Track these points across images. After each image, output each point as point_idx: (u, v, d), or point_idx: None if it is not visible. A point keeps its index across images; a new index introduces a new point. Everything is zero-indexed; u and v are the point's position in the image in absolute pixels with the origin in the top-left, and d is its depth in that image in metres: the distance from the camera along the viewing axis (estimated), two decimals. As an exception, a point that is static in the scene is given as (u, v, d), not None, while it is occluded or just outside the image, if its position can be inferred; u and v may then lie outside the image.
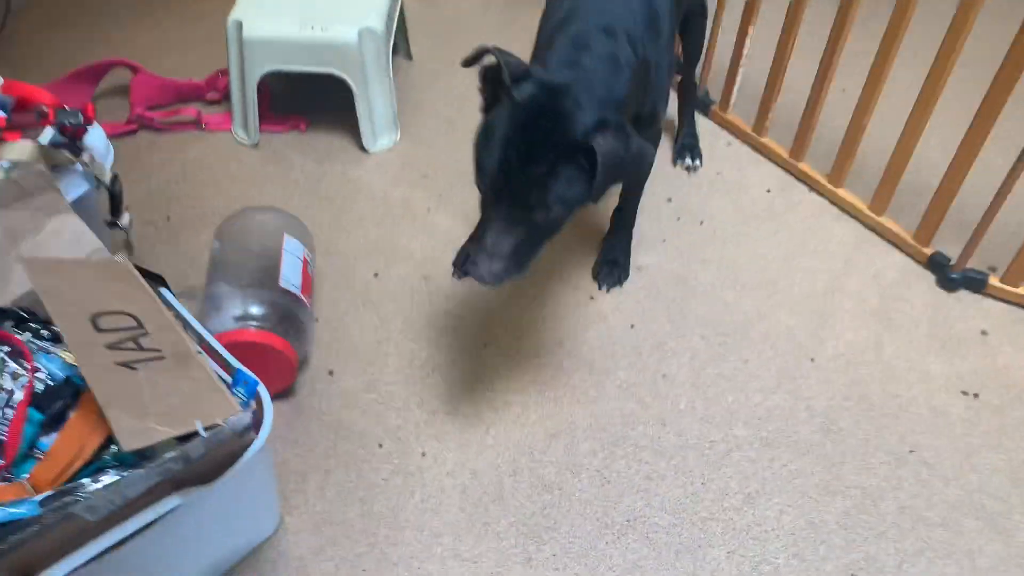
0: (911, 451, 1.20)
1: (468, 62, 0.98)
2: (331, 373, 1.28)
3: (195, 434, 0.81)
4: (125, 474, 0.76)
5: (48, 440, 0.85)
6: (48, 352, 0.89)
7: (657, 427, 1.22)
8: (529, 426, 1.22)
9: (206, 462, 0.83)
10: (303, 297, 1.26)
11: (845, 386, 1.29)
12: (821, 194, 1.61)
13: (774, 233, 1.53)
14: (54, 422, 0.85)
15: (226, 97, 1.75)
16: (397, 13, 1.76)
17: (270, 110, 1.74)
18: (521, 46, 1.12)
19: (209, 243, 1.45)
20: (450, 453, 1.19)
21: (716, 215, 1.56)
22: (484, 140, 0.98)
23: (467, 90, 1.39)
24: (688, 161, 1.66)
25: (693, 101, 1.68)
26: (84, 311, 0.85)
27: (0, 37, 1.91)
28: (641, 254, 1.47)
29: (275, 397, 1.23)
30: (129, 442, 0.75)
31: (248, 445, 0.88)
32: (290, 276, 1.26)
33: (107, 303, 0.88)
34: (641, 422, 1.23)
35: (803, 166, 1.63)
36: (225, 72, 1.72)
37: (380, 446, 1.19)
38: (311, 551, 1.09)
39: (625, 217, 1.42)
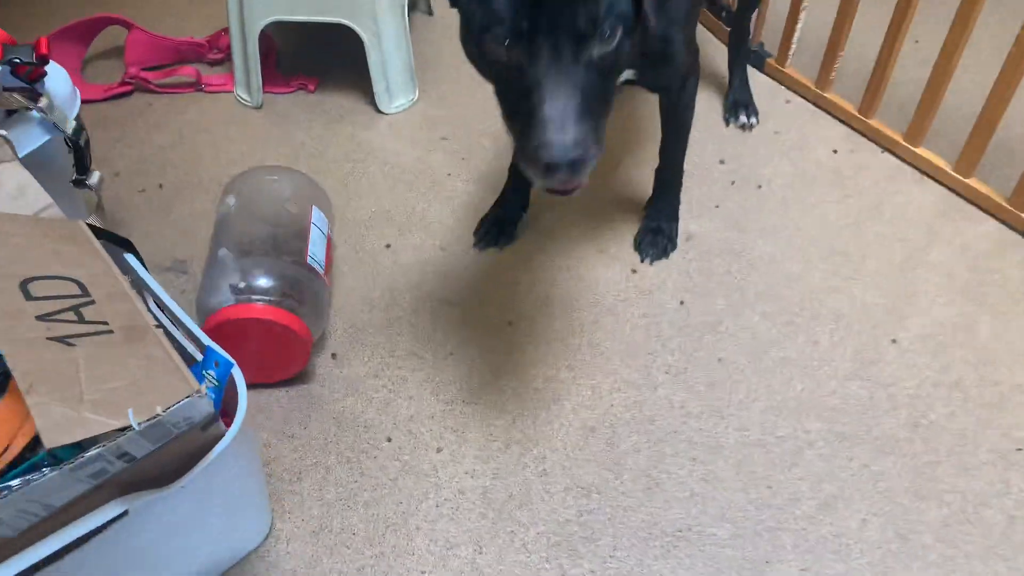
0: (1018, 449, 1.00)
1: None
2: (334, 356, 1.12)
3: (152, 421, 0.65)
4: (38, 477, 0.60)
5: (-28, 432, 0.69)
6: (-21, 326, 0.74)
7: (713, 420, 1.04)
8: (562, 418, 1.04)
9: (158, 460, 0.67)
10: (324, 278, 1.10)
11: (935, 372, 1.09)
12: (896, 154, 1.40)
13: (844, 198, 1.33)
14: (-22, 410, 0.70)
15: (229, 57, 1.60)
16: (415, -40, 1.59)
17: (276, 69, 1.58)
18: None
19: (205, 212, 1.30)
20: (469, 449, 1.02)
21: (775, 178, 1.37)
22: None
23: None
24: (743, 119, 1.46)
25: (746, 52, 1.48)
26: (13, 275, 0.69)
27: (-8, -3, 1.78)
28: (691, 221, 1.28)
29: (271, 384, 1.08)
30: (53, 436, 0.59)
31: (216, 439, 0.71)
32: (316, 253, 1.10)
33: (46, 266, 0.72)
34: (694, 414, 1.05)
35: (874, 123, 1.43)
36: (228, 30, 1.57)
37: (388, 440, 1.03)
38: (306, 563, 0.93)
39: (669, 176, 1.23)
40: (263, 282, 1.03)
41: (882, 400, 1.06)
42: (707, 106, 1.51)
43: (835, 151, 1.42)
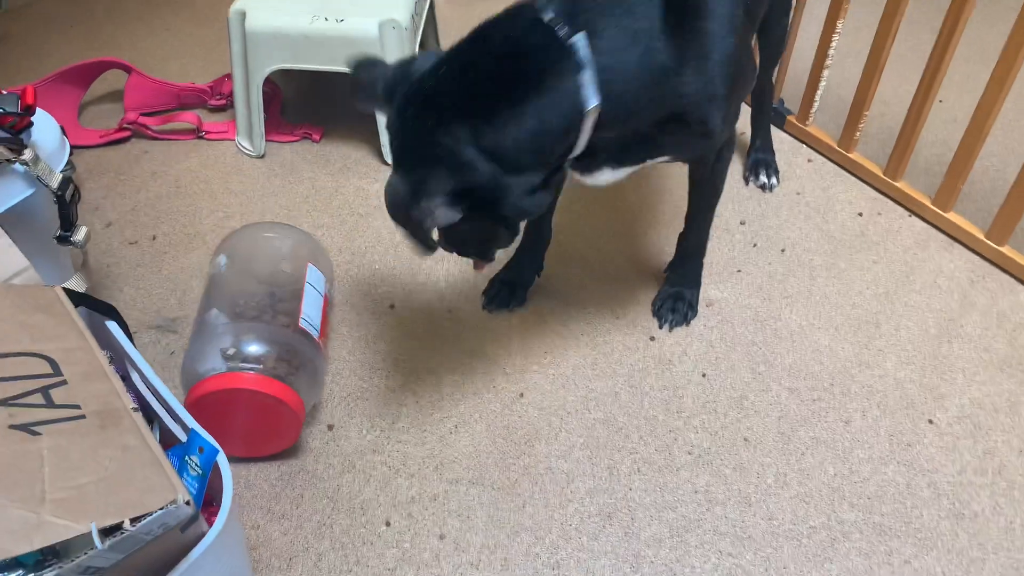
0: (1072, 547, 0.93)
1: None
2: (330, 428, 1.04)
3: (116, 528, 0.57)
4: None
5: (-80, 529, 0.61)
6: (-62, 404, 0.66)
7: (740, 507, 0.96)
8: (576, 502, 0.96)
9: (129, 567, 0.59)
10: (319, 341, 1.03)
11: (976, 457, 1.01)
12: (925, 218, 1.34)
13: (871, 264, 1.27)
14: (-70, 504, 0.62)
15: (231, 103, 1.55)
16: (426, 8, 1.54)
17: (281, 117, 1.53)
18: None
19: (199, 267, 1.23)
20: (475, 537, 0.93)
21: (799, 242, 1.31)
22: None
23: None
24: (763, 179, 1.41)
25: (768, 110, 1.43)
26: (-25, 351, 0.62)
27: (-9, 38, 1.73)
28: (711, 287, 1.22)
29: (259, 460, 1.00)
30: (7, 545, 0.52)
31: (195, 541, 0.64)
32: (311, 314, 1.03)
33: (12, 342, 0.65)
34: (719, 501, 0.97)
35: (901, 186, 1.37)
36: (232, 76, 1.52)
37: (387, 524, 0.94)
38: (293, 663, 0.84)
39: (693, 243, 1.16)
40: (254, 348, 0.96)
41: (921, 487, 0.98)
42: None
43: (860, 214, 1.36)
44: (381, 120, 1.39)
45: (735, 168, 1.44)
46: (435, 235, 0.85)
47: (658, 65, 0.80)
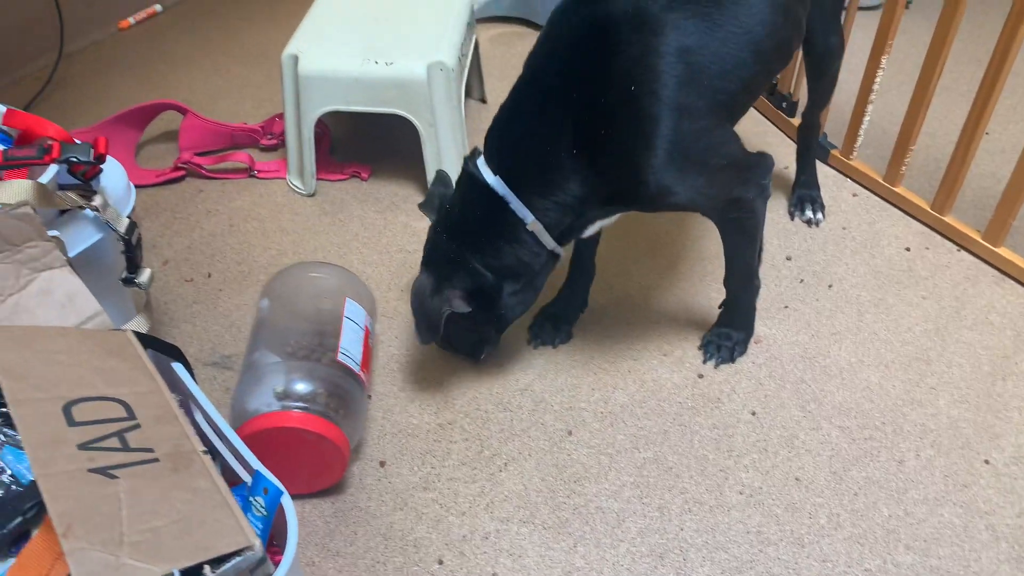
0: None
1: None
2: (383, 464, 1.06)
3: (195, 571, 0.59)
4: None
5: (2, 567, 0.64)
6: (18, 446, 0.69)
7: (793, 548, 0.95)
8: (628, 542, 0.96)
9: (201, 609, 0.61)
10: (361, 374, 1.05)
11: (1035, 499, 1.00)
12: (975, 253, 1.33)
13: (920, 300, 1.26)
14: (11, 544, 0.64)
15: (282, 143, 1.59)
16: (471, 50, 1.58)
17: (330, 156, 1.56)
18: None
19: (253, 304, 1.26)
20: None
21: (846, 277, 1.30)
22: None
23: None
24: (808, 213, 1.41)
25: (814, 146, 1.43)
26: (57, 397, 0.65)
27: (52, 81, 1.80)
28: (759, 323, 1.21)
29: (315, 493, 1.02)
30: (90, 587, 0.54)
31: (262, 581, 0.65)
32: (349, 348, 1.05)
33: (90, 386, 0.67)
34: (772, 541, 0.96)
35: (950, 220, 1.36)
36: (283, 116, 1.56)
37: (440, 563, 0.95)
38: None
39: (731, 287, 1.15)
40: (302, 387, 0.98)
41: (980, 530, 0.97)
42: (770, 200, 1.45)
43: (908, 249, 1.35)
44: (427, 161, 1.42)
45: (780, 203, 1.44)
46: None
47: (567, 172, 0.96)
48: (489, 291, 1.02)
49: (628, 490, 1.01)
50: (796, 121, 1.60)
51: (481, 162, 1.00)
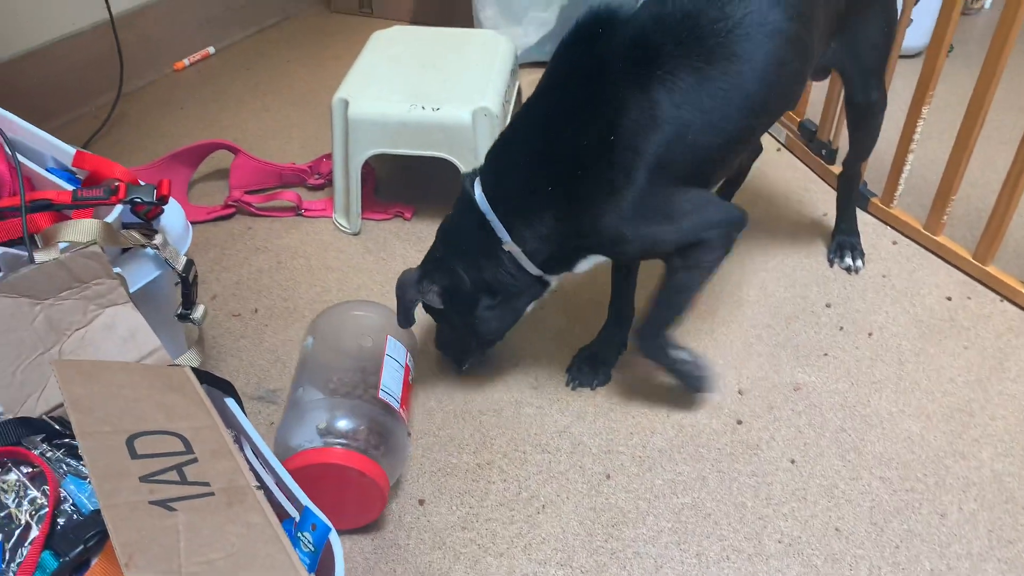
0: None
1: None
2: (421, 503, 1.07)
3: (241, 602, 0.61)
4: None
5: (62, 595, 0.66)
6: (80, 476, 0.72)
7: (833, 601, 0.95)
8: (665, 588, 0.96)
9: (252, 643, 0.62)
10: (401, 411, 1.07)
11: (1083, 558, 0.98)
12: (1018, 304, 1.32)
13: (963, 351, 1.25)
14: (72, 571, 0.67)
15: (329, 182, 1.63)
16: (515, 95, 1.62)
17: (375, 196, 1.60)
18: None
19: (298, 339, 1.29)
20: (565, 619, 0.94)
21: (887, 326, 1.30)
22: None
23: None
24: (848, 260, 1.41)
25: (854, 195, 1.44)
26: (121, 430, 0.67)
27: (110, 119, 1.87)
28: (798, 370, 1.22)
29: (355, 529, 1.03)
30: (150, 617, 0.56)
31: (310, 616, 0.67)
32: (391, 385, 1.07)
33: (152, 420, 0.70)
34: (812, 593, 0.95)
35: (992, 270, 1.36)
36: (330, 156, 1.61)
37: (477, 603, 0.96)
38: None
39: (655, 315, 1.12)
40: (344, 424, 1.00)
41: (1025, 588, 0.95)
42: (809, 246, 1.46)
43: (949, 298, 1.35)
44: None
45: (819, 250, 1.45)
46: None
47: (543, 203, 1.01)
48: (465, 296, 1.08)
49: (666, 536, 1.01)
50: (836, 169, 1.61)
51: (478, 179, 1.06)
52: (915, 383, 1.20)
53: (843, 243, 1.42)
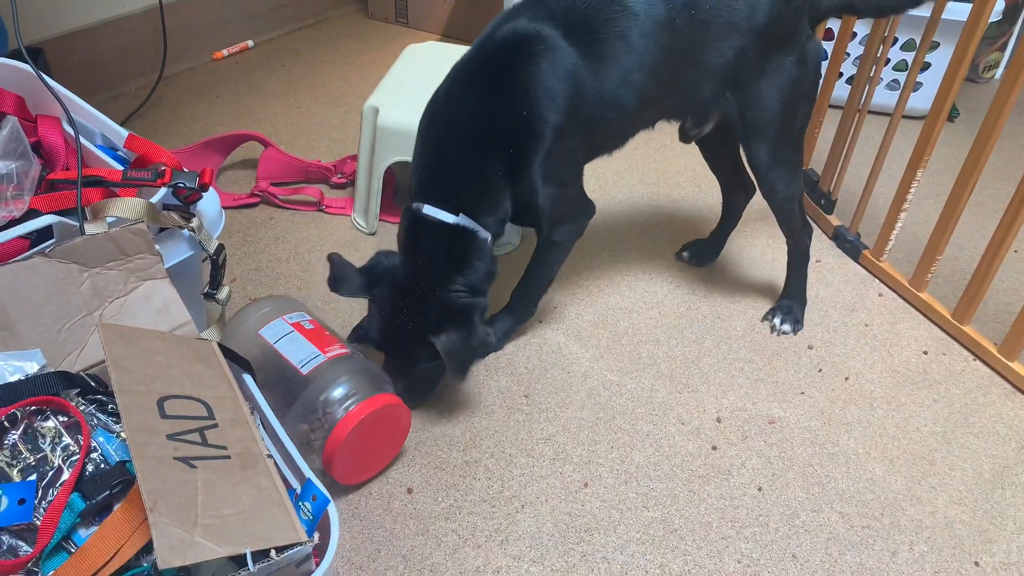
0: None
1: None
2: (410, 491, 1.15)
3: (263, 555, 0.68)
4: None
5: (85, 533, 0.74)
6: (109, 430, 0.80)
7: (782, 620, 1.02)
8: (628, 593, 1.03)
9: (251, 592, 0.70)
10: (340, 350, 1.12)
11: (1019, 605, 1.05)
12: (990, 365, 1.40)
13: (932, 402, 1.33)
14: (96, 513, 0.74)
15: (351, 182, 1.72)
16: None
17: (393, 200, 1.68)
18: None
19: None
20: (532, 611, 1.01)
21: (863, 372, 1.37)
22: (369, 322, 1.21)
23: (592, 194, 1.28)
24: (775, 321, 1.44)
25: (794, 259, 1.44)
26: (153, 391, 0.75)
27: (149, 100, 1.96)
28: (775, 405, 1.29)
29: (344, 511, 1.10)
30: (168, 558, 0.63)
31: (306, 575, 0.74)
32: (299, 355, 1.10)
33: (180, 385, 0.78)
34: (763, 611, 1.02)
35: (968, 330, 1.43)
36: (355, 157, 1.69)
37: (453, 588, 1.03)
38: None
39: (524, 294, 1.37)
40: (338, 392, 1.07)
41: (962, 627, 1.02)
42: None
43: (925, 352, 1.42)
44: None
45: (809, 294, 1.52)
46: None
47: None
48: (464, 307, 1.16)
49: (633, 545, 1.09)
50: (834, 220, 1.69)
51: (425, 207, 1.14)
52: (883, 428, 1.28)
53: (781, 305, 1.46)
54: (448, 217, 1.14)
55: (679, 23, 1.13)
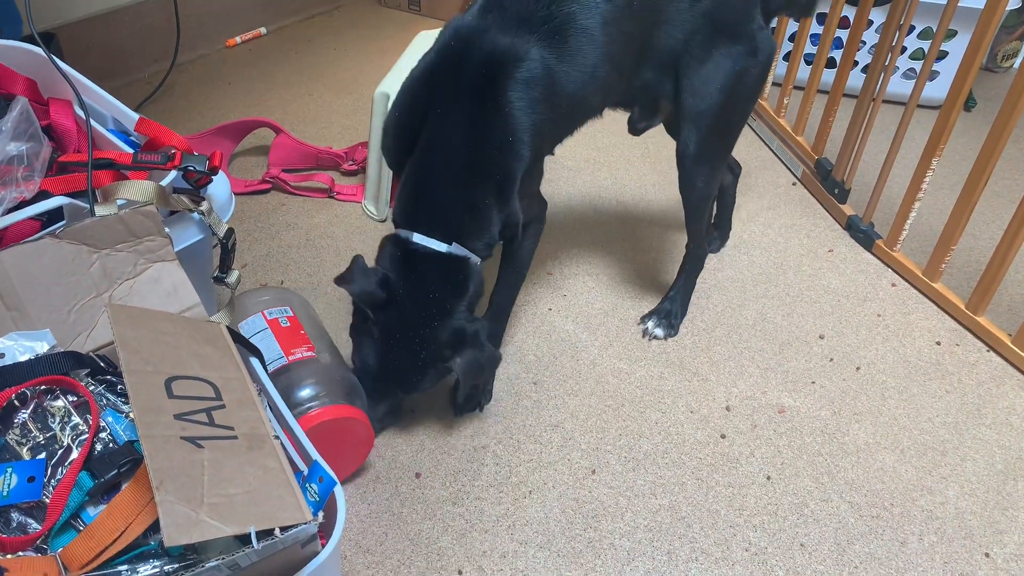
0: None
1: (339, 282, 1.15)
2: (418, 476, 1.15)
3: (266, 534, 0.68)
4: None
5: (94, 511, 0.74)
6: (117, 410, 0.80)
7: (789, 609, 1.01)
8: (634, 579, 1.03)
9: (257, 570, 0.70)
10: (306, 353, 1.12)
11: (1030, 597, 1.04)
12: (1002, 355, 1.38)
13: (944, 393, 1.31)
14: (104, 492, 0.75)
15: (362, 169, 1.72)
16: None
17: (402, 187, 1.68)
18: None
19: (321, 314, 1.37)
20: (538, 596, 1.01)
21: (875, 362, 1.36)
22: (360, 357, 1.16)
23: (603, 183, 1.28)
24: (648, 325, 1.39)
25: (688, 260, 1.40)
26: (161, 372, 0.75)
27: (162, 87, 1.97)
28: (785, 394, 1.28)
29: (353, 495, 1.11)
30: (174, 536, 0.63)
31: (311, 557, 0.74)
32: (274, 350, 1.11)
33: (188, 366, 0.78)
34: (770, 599, 1.02)
35: (982, 321, 1.42)
36: (366, 144, 1.69)
37: (459, 573, 1.03)
38: None
39: (507, 295, 1.29)
40: (306, 392, 1.07)
41: (971, 618, 1.02)
42: (811, 279, 1.53)
43: (938, 343, 1.41)
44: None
45: (821, 284, 1.51)
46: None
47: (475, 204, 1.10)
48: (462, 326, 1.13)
49: (641, 532, 1.09)
50: (847, 209, 1.67)
51: (413, 236, 1.11)
52: (894, 419, 1.27)
53: (659, 309, 1.41)
54: (440, 246, 1.10)
55: (635, 5, 1.09)
